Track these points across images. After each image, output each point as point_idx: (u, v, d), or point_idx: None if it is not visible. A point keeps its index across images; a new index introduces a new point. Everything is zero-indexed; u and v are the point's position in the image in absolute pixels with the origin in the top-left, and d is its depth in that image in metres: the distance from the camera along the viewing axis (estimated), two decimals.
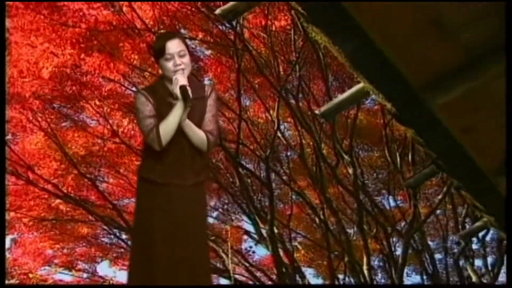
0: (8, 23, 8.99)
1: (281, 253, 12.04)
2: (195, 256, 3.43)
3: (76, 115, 10.82)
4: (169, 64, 3.48)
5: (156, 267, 3.34)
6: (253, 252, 14.00)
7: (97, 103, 10.24)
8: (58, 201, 11.61)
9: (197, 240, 3.48)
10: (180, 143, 3.50)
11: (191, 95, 3.42)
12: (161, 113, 3.46)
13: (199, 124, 3.54)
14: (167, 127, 3.43)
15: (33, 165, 10.95)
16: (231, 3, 3.74)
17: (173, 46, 3.51)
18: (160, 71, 3.66)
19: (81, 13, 8.94)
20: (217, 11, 3.88)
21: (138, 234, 3.56)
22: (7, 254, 13.13)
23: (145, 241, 3.43)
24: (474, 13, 2.91)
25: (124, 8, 9.03)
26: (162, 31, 9.43)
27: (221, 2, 8.81)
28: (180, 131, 3.48)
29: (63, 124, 10.83)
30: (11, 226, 12.16)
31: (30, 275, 12.86)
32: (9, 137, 10.68)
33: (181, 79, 3.44)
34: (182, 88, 3.41)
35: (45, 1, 8.62)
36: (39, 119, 10.25)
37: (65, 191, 11.45)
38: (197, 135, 3.51)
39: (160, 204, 3.44)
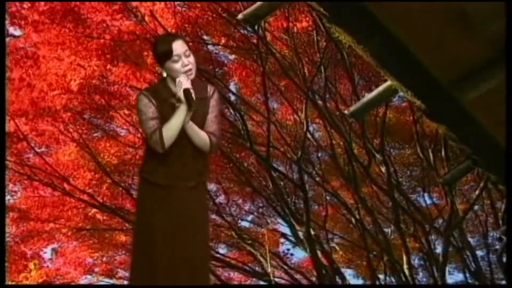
0: (35, 38, 9.25)
1: (319, 254, 12.02)
2: (195, 257, 3.44)
3: (106, 125, 11.04)
4: (177, 65, 3.47)
5: (157, 268, 3.37)
6: (291, 254, 14.03)
7: (126, 112, 10.43)
8: (94, 210, 11.84)
9: (198, 241, 3.49)
10: (182, 145, 3.50)
11: (194, 98, 3.41)
12: (164, 115, 3.47)
13: (201, 125, 3.54)
14: (170, 130, 3.43)
15: (68, 176, 11.20)
16: (251, 8, 3.78)
17: (179, 46, 3.51)
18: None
19: (104, 25, 9.14)
20: (239, 16, 3.92)
21: (139, 235, 3.57)
22: (49, 264, 13.47)
23: (146, 242, 3.45)
24: (498, 6, 2.88)
25: (146, 18, 9.18)
26: (185, 38, 9.60)
27: (241, 7, 8.93)
28: (182, 133, 3.48)
29: (95, 134, 11.06)
30: (51, 236, 12.45)
31: (73, 284, 13.16)
32: (43, 149, 10.97)
33: (184, 82, 3.44)
34: (186, 91, 3.41)
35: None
36: (71, 130, 10.49)
37: (101, 200, 11.66)
38: (200, 136, 3.52)
39: (161, 205, 3.46)
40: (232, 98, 10.94)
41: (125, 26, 9.21)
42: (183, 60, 3.47)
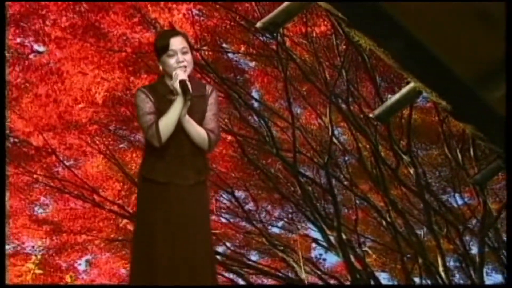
0: (58, 54, 9.49)
1: (352, 259, 12.01)
2: (196, 257, 3.44)
3: (132, 136, 11.23)
4: (172, 61, 3.52)
5: (157, 268, 3.38)
6: (324, 259, 14.06)
7: None
8: (125, 221, 12.04)
9: (199, 241, 3.49)
10: (180, 140, 3.53)
11: (191, 90, 3.45)
12: (161, 111, 3.50)
13: (199, 123, 3.58)
14: (167, 123, 3.45)
15: (97, 188, 11.43)
16: (270, 16, 3.84)
17: (177, 42, 3.56)
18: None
19: (124, 38, 9.33)
20: (258, 25, 3.98)
21: (139, 234, 3.57)
22: (84, 276, 13.72)
23: (146, 241, 3.45)
24: None
25: (165, 28, 9.33)
26: (205, 47, 9.76)
27: (258, 14, 9.04)
28: (180, 128, 3.50)
29: (121, 145, 11.27)
30: (84, 248, 12.69)
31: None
32: (71, 162, 11.22)
33: (181, 74, 3.48)
34: (182, 82, 3.45)
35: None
36: (97, 142, 10.71)
37: (131, 211, 11.85)
38: (198, 132, 3.55)
39: (161, 204, 3.47)
40: (255, 105, 11.06)
41: (145, 38, 9.38)
42: (178, 56, 3.52)
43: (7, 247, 12.42)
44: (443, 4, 2.80)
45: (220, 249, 13.31)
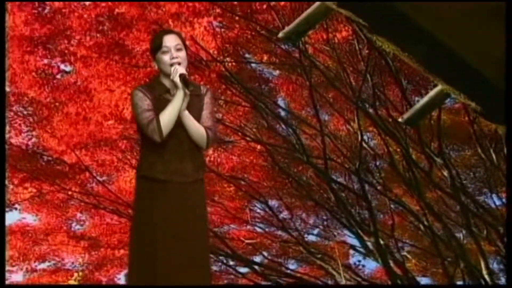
0: (85, 72, 9.76)
1: (392, 264, 11.96)
2: (195, 256, 3.48)
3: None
4: (166, 57, 3.61)
5: (158, 267, 3.39)
6: (363, 266, 14.01)
7: None
8: None
9: (198, 239, 3.53)
10: (179, 137, 3.57)
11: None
12: (158, 110, 3.54)
13: (197, 120, 3.63)
14: (168, 117, 3.50)
15: (131, 202, 11.64)
16: (291, 25, 3.91)
17: (170, 40, 3.65)
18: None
19: (148, 53, 9.51)
20: (280, 35, 4.07)
21: (138, 233, 3.57)
22: None
23: (146, 240, 3.47)
24: None
25: (187, 42, 9.51)
26: (227, 58, 9.91)
27: (278, 23, 9.14)
28: (179, 125, 3.55)
29: None
30: (122, 262, 12.91)
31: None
32: (104, 178, 11.47)
33: (180, 69, 3.56)
34: (182, 76, 3.53)
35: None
36: (129, 157, 10.92)
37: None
38: (197, 127, 3.60)
39: (161, 202, 3.50)
40: (282, 113, 11.15)
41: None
42: (172, 53, 3.60)
43: (47, 264, 12.78)
44: (464, 5, 2.81)
45: (257, 258, 13.42)
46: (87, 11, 8.94)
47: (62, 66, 9.83)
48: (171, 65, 3.59)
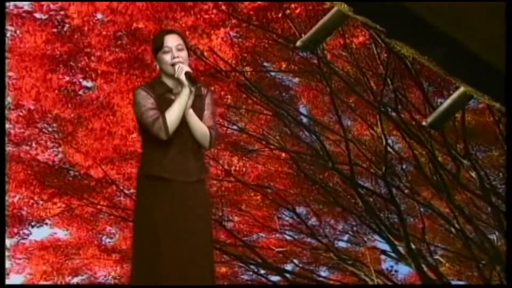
0: (106, 88, 9.97)
1: (425, 268, 11.89)
2: (198, 256, 3.51)
3: None
4: (167, 57, 3.65)
5: (160, 265, 3.42)
6: (396, 271, 13.94)
7: None
8: None
9: (201, 239, 3.56)
10: (183, 136, 3.61)
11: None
12: (161, 109, 3.57)
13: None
14: (174, 114, 3.54)
15: None
16: (308, 34, 3.98)
17: (171, 39, 3.69)
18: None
19: None
20: (298, 44, 4.13)
21: (141, 233, 3.61)
22: None
23: (149, 239, 3.50)
24: None
25: (205, 54, 9.67)
26: (246, 67, 10.03)
27: (295, 30, 9.23)
28: (183, 124, 3.59)
29: None
30: None
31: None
32: (131, 191, 11.64)
33: (185, 67, 3.61)
34: (188, 73, 3.58)
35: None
36: None
37: None
38: (201, 126, 3.64)
39: (164, 201, 3.53)
40: (304, 120, 11.23)
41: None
42: (173, 53, 3.64)
43: (80, 277, 13.02)
44: (480, 6, 2.81)
45: (288, 266, 13.48)
46: (105, 27, 9.13)
47: (84, 83, 10.06)
48: (173, 64, 3.62)
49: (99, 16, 9.09)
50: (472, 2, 2.84)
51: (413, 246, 11.64)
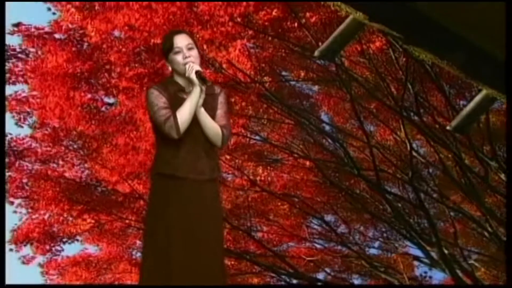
0: (128, 103, 10.19)
1: (460, 274, 11.80)
2: (209, 255, 3.51)
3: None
4: (179, 57, 3.66)
5: (172, 264, 3.44)
6: (430, 277, 13.79)
7: (227, 157, 11.09)
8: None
9: (212, 238, 3.57)
10: (195, 135, 3.62)
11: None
12: (173, 108, 3.59)
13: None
14: (185, 113, 3.55)
15: None
16: (326, 43, 4.05)
17: (181, 39, 3.71)
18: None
19: None
20: (316, 53, 4.21)
21: (152, 230, 3.61)
22: None
23: (160, 237, 3.51)
24: None
25: (224, 66, 9.85)
26: (265, 77, 10.17)
27: (311, 39, 9.34)
28: (195, 122, 3.60)
29: None
30: None
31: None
32: None
33: (195, 66, 3.62)
34: (198, 72, 3.60)
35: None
36: None
37: (225, 246, 12.30)
38: (213, 125, 3.64)
39: (175, 199, 3.55)
40: (327, 128, 11.30)
41: (207, 76, 9.90)
42: (184, 52, 3.65)
43: None
44: (496, 7, 2.85)
45: (320, 275, 13.51)
46: (124, 44, 9.37)
47: (106, 99, 10.31)
48: (185, 64, 3.64)
49: (116, 33, 9.32)
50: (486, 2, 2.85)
51: (446, 251, 11.56)
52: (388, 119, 10.93)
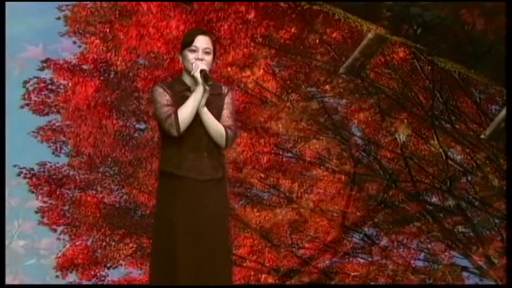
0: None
1: None
2: (215, 255, 3.64)
3: (247, 192, 12.01)
4: (192, 56, 3.79)
5: (178, 264, 3.55)
6: None
7: (262, 175, 11.37)
8: (264, 275, 12.74)
9: (217, 238, 3.69)
10: (197, 134, 3.74)
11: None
12: (178, 106, 3.70)
13: (216, 119, 3.79)
14: (186, 111, 3.64)
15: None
16: (349, 60, 4.34)
17: (202, 41, 3.83)
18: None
19: None
20: (341, 71, 4.55)
21: (159, 229, 3.78)
22: None
23: (166, 236, 3.65)
24: None
25: (250, 85, 10.18)
26: (292, 95, 10.45)
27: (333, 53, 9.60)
28: (198, 122, 3.71)
29: (240, 202, 12.08)
30: None
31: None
32: None
33: (201, 65, 3.73)
34: (203, 71, 3.71)
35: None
36: None
37: (268, 264, 12.54)
38: (216, 125, 3.75)
39: (178, 198, 3.67)
40: (359, 141, 11.45)
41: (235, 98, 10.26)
42: (199, 53, 3.79)
43: None
44: None
45: None
46: (149, 71, 9.82)
47: (137, 125, 10.76)
48: (193, 63, 3.76)
49: (141, 61, 9.78)
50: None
51: (495, 261, 11.53)
52: (420, 129, 11.03)
